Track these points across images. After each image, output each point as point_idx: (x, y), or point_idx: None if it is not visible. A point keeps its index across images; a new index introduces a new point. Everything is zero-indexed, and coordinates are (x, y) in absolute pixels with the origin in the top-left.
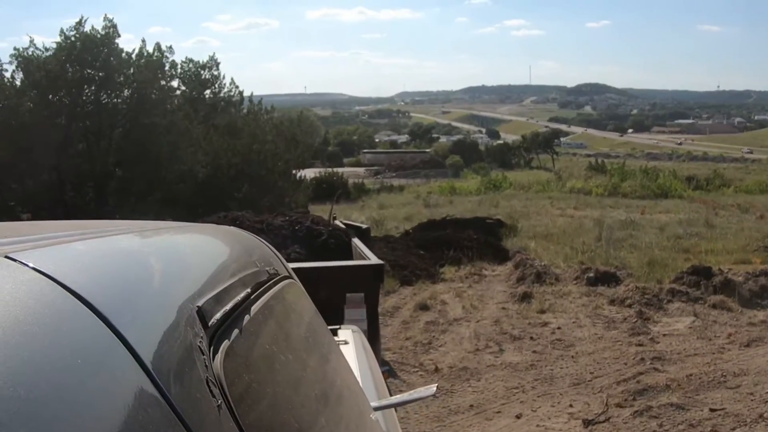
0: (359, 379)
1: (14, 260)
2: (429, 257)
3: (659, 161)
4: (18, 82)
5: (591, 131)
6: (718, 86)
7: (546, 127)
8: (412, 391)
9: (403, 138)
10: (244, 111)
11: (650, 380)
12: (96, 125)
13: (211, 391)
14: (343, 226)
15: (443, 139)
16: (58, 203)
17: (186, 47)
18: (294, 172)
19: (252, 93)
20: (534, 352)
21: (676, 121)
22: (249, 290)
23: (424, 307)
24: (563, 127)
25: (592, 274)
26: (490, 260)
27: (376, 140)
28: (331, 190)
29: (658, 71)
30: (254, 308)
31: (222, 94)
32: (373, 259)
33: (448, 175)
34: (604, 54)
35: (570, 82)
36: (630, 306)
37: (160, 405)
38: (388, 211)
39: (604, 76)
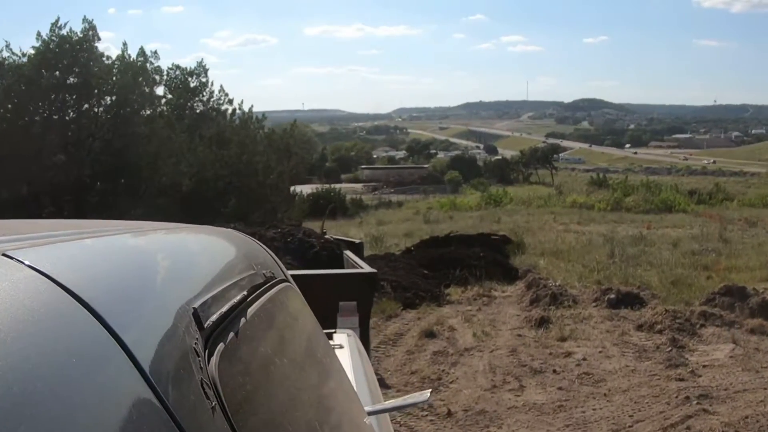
0: (354, 384)
1: (11, 258)
2: (433, 277)
3: (659, 176)
4: None
5: (590, 146)
6: (715, 101)
7: (544, 142)
8: (406, 397)
9: (401, 154)
10: (236, 122)
11: (702, 425)
12: (75, 134)
13: (205, 393)
14: (331, 240)
15: (441, 154)
16: (33, 218)
17: (185, 63)
18: (289, 186)
19: (242, 101)
20: (560, 389)
21: (673, 136)
22: (245, 293)
23: (430, 334)
24: (561, 141)
25: (613, 296)
26: (499, 280)
27: (374, 156)
28: (328, 206)
29: (655, 86)
30: (250, 311)
31: (211, 103)
32: (366, 268)
33: (446, 190)
34: (601, 69)
35: (567, 97)
36: (660, 332)
37: (154, 406)
38: (388, 228)
39: (602, 92)
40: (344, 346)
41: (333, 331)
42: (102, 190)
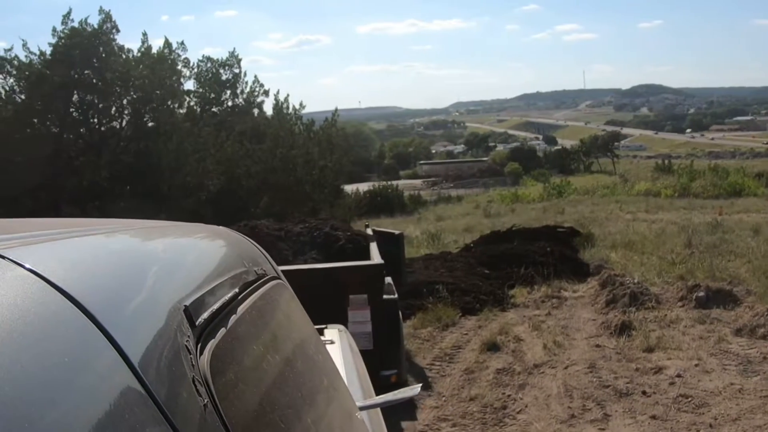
0: (345, 379)
1: (2, 257)
2: (495, 277)
3: (722, 159)
4: (4, 88)
5: (649, 133)
6: None
7: (603, 130)
8: (396, 392)
9: (460, 148)
10: (278, 114)
11: None
12: (95, 134)
13: (197, 390)
14: (371, 232)
15: (500, 147)
16: None
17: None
18: (333, 183)
19: (278, 90)
20: (653, 417)
21: (734, 119)
22: (237, 290)
23: (492, 347)
24: (621, 129)
25: (701, 293)
26: (569, 277)
27: (433, 151)
28: (386, 203)
29: (713, 69)
30: (241, 308)
31: (244, 95)
32: (376, 260)
33: (506, 183)
34: (658, 54)
35: (625, 84)
36: (765, 337)
37: (147, 403)
38: (446, 223)
39: (659, 77)
40: (335, 341)
41: (324, 327)
42: (122, 193)
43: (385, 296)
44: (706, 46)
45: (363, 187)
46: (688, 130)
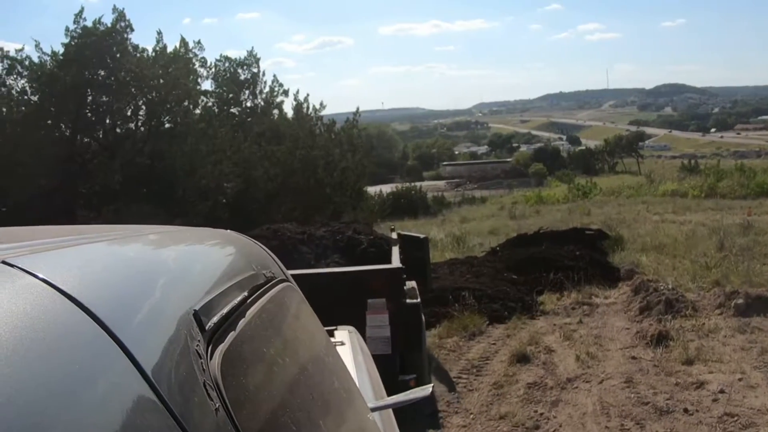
0: (356, 380)
1: (12, 266)
2: (523, 282)
3: (748, 159)
4: (15, 91)
5: (674, 132)
6: None
7: (627, 130)
8: (408, 392)
9: (483, 149)
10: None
11: None
12: (111, 136)
13: (208, 395)
14: (395, 236)
15: (524, 147)
16: None
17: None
18: (355, 184)
19: (298, 90)
20: None
21: (759, 118)
22: (246, 294)
23: (522, 359)
24: (643, 128)
25: (740, 300)
26: (599, 283)
27: (456, 152)
28: (409, 204)
29: (737, 67)
30: (251, 312)
31: (264, 95)
32: (395, 263)
33: (531, 184)
34: (681, 53)
35: (648, 83)
36: None
37: (158, 409)
38: (471, 225)
39: (683, 76)
40: (345, 343)
41: (334, 328)
42: (137, 197)
43: (407, 300)
44: (729, 44)
45: (386, 188)
46: (713, 130)
